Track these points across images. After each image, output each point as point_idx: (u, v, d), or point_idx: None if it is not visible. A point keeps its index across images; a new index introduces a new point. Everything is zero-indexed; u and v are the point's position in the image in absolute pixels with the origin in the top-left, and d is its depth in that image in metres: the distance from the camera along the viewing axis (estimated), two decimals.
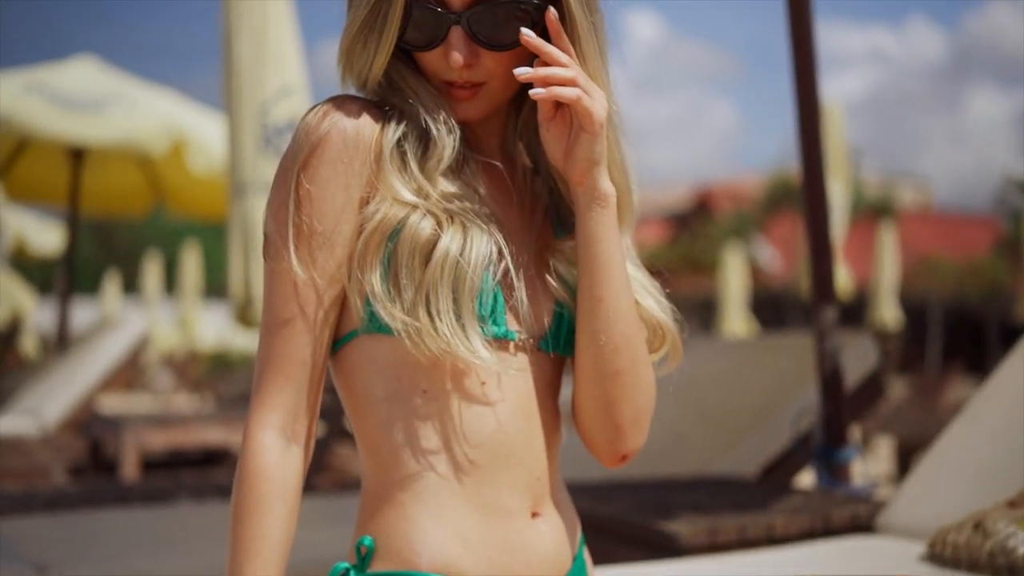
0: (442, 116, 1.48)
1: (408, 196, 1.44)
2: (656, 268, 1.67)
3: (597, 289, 1.49)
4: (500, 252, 1.46)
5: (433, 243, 1.42)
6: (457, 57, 1.45)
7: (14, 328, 13.01)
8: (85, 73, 8.12)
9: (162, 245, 26.91)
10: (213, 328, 19.60)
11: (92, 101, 7.55)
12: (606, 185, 1.49)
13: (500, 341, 1.47)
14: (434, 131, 1.47)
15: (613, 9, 1.56)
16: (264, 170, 5.01)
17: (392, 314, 1.40)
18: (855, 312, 17.67)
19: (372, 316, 1.44)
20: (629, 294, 1.52)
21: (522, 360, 1.49)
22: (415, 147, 1.47)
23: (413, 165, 1.46)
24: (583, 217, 1.49)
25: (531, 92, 1.45)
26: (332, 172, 1.44)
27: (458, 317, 1.41)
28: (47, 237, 13.66)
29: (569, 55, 1.47)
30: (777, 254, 28.48)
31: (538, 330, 1.52)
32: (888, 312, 16.02)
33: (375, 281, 1.42)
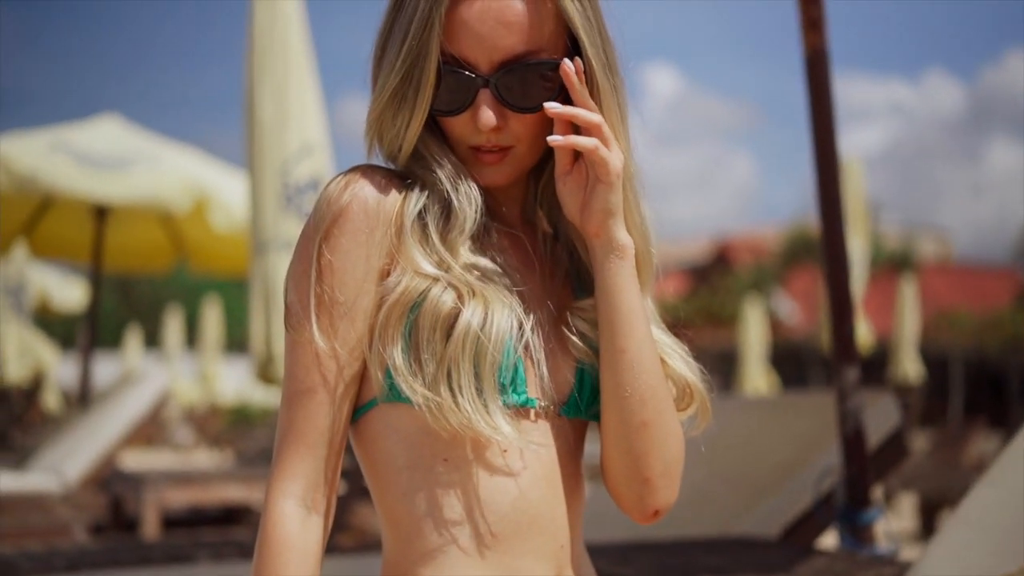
0: (464, 187, 1.49)
1: (429, 269, 1.45)
2: (679, 320, 1.67)
3: (619, 340, 1.49)
4: (521, 324, 1.47)
5: (454, 317, 1.42)
6: (487, 118, 1.46)
7: (36, 384, 13.07)
8: (109, 131, 8.21)
9: (184, 300, 27.05)
10: (233, 382, 19.63)
11: (116, 160, 7.63)
12: (623, 236, 1.50)
13: (521, 409, 1.47)
14: (455, 201, 1.48)
15: (631, 63, 1.58)
16: (285, 228, 5.05)
17: (413, 388, 1.40)
18: (875, 366, 17.57)
19: (392, 386, 1.44)
20: (652, 345, 1.52)
21: (543, 428, 1.49)
22: (436, 218, 1.48)
23: (434, 236, 1.47)
24: (601, 269, 1.50)
25: (549, 138, 1.47)
26: (353, 243, 1.45)
27: (479, 392, 1.41)
28: (70, 293, 13.76)
29: (591, 104, 1.49)
30: (797, 307, 28.40)
31: (559, 397, 1.52)
32: (909, 366, 15.94)
33: (396, 355, 1.42)
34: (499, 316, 1.43)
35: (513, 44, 1.46)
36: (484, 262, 1.48)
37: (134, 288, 37.68)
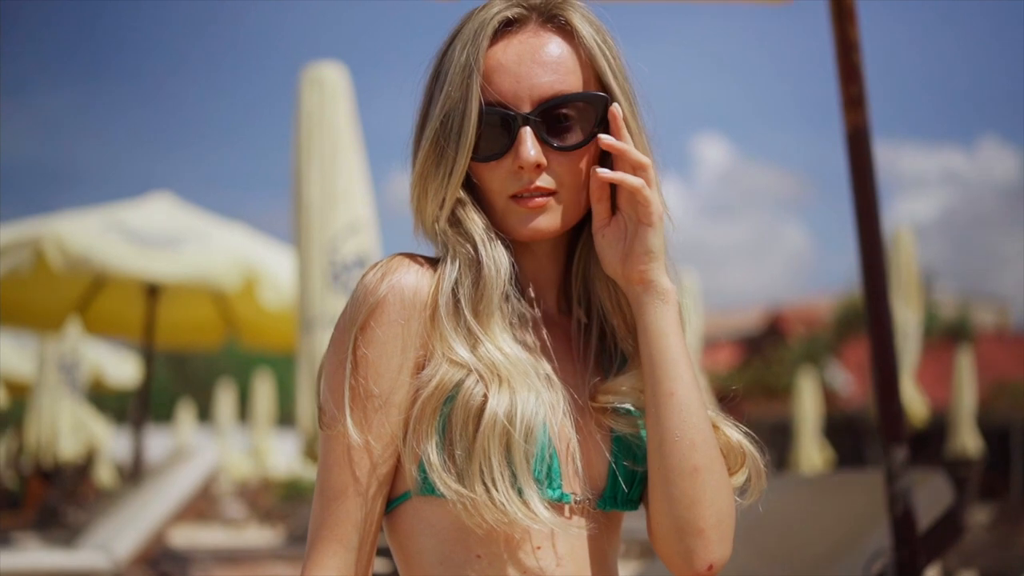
0: (493, 252, 1.49)
1: (460, 352, 1.44)
2: (731, 391, 1.65)
3: (667, 384, 1.46)
4: (551, 410, 1.45)
5: (484, 409, 1.41)
6: (528, 154, 1.46)
7: (89, 460, 13.16)
8: (161, 209, 8.35)
9: (235, 374, 27.23)
10: (285, 457, 19.65)
11: (167, 238, 7.74)
12: (666, 281, 1.49)
13: (555, 505, 1.44)
14: (484, 267, 1.47)
15: (681, 134, 1.59)
16: (332, 305, 5.07)
17: (447, 484, 1.39)
18: (932, 439, 17.30)
19: (426, 481, 1.42)
20: (698, 389, 1.49)
21: (579, 523, 1.47)
22: (468, 290, 1.47)
23: (466, 311, 1.46)
24: (645, 315, 1.49)
25: (596, 170, 1.49)
26: (389, 335, 1.45)
27: (513, 482, 1.39)
28: (123, 369, 13.89)
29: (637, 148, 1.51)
30: (851, 378, 28.07)
31: (594, 490, 1.50)
32: (967, 438, 15.65)
33: (430, 450, 1.41)
34: (526, 402, 1.42)
35: (551, 83, 1.48)
36: (516, 345, 1.47)
37: (187, 363, 38.00)
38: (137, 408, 9.78)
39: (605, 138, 1.49)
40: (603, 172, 1.49)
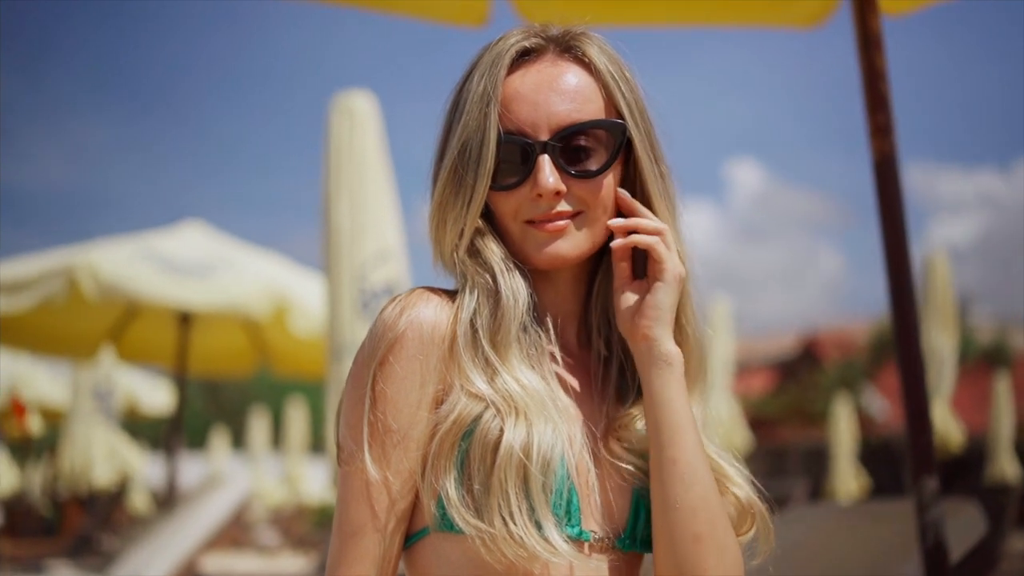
0: (511, 281, 1.49)
1: (478, 383, 1.43)
2: (765, 417, 1.63)
3: (670, 451, 1.45)
4: (570, 442, 1.44)
5: (500, 442, 1.40)
6: (546, 181, 1.46)
7: (123, 487, 13.22)
8: (193, 237, 8.40)
9: (269, 401, 27.32)
10: (319, 483, 19.68)
11: (199, 266, 7.78)
12: (670, 345, 1.48)
13: (575, 542, 1.43)
14: (502, 296, 1.47)
15: (714, 158, 1.58)
16: (361, 333, 5.06)
17: (465, 519, 1.38)
18: (970, 466, 17.10)
19: (444, 517, 1.41)
20: (703, 455, 1.47)
21: (598, 561, 1.45)
22: (487, 320, 1.47)
23: (484, 342, 1.46)
24: (648, 378, 1.48)
25: (612, 243, 1.49)
26: (408, 370, 1.44)
27: (531, 515, 1.38)
28: (157, 396, 13.97)
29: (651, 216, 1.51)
30: (887, 403, 27.83)
31: (614, 528, 1.48)
32: (1006, 464, 15.46)
33: (449, 485, 1.40)
34: (543, 434, 1.41)
35: (568, 111, 1.48)
36: (534, 376, 1.46)
37: (221, 390, 38.17)
38: (171, 436, 9.82)
39: (614, 222, 1.50)
40: (615, 222, 1.50)
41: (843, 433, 17.20)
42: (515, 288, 1.48)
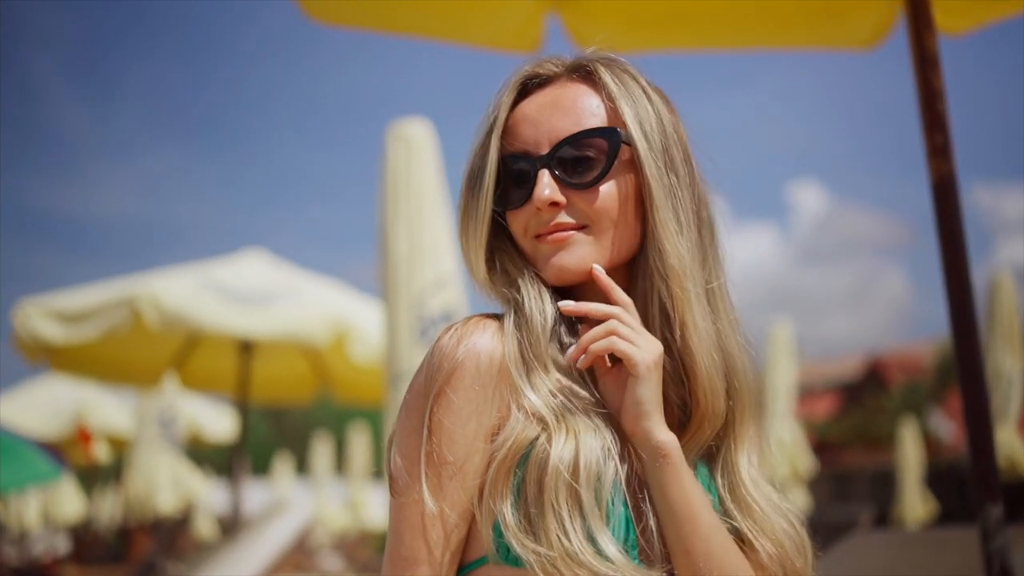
0: (534, 290, 1.50)
1: (531, 396, 1.42)
2: (829, 441, 1.60)
3: (682, 543, 1.43)
4: (617, 453, 1.43)
5: (549, 459, 1.39)
6: (542, 193, 1.47)
7: (187, 513, 13.33)
8: (254, 266, 8.48)
9: (331, 427, 27.46)
10: (382, 508, 19.71)
11: (260, 294, 7.84)
12: (660, 435, 1.43)
13: (630, 553, 1.41)
14: (528, 310, 1.48)
15: (776, 180, 1.56)
16: (419, 360, 5.06)
17: (523, 543, 1.36)
18: None
19: (502, 547, 1.40)
20: (718, 534, 1.45)
21: (660, 572, 1.43)
22: (526, 336, 1.47)
23: (530, 357, 1.46)
24: (647, 471, 1.45)
25: (569, 357, 1.46)
26: (465, 400, 1.43)
27: (585, 529, 1.36)
28: (220, 423, 14.09)
29: (621, 302, 1.47)
30: (954, 426, 27.38)
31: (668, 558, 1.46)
32: None
33: (506, 511, 1.39)
34: (590, 447, 1.40)
35: (568, 126, 1.50)
36: (574, 388, 1.46)
37: (284, 416, 38.43)
38: (234, 461, 9.90)
39: (564, 304, 1.48)
40: (565, 307, 1.48)
41: (910, 458, 16.93)
42: (541, 302, 1.49)
